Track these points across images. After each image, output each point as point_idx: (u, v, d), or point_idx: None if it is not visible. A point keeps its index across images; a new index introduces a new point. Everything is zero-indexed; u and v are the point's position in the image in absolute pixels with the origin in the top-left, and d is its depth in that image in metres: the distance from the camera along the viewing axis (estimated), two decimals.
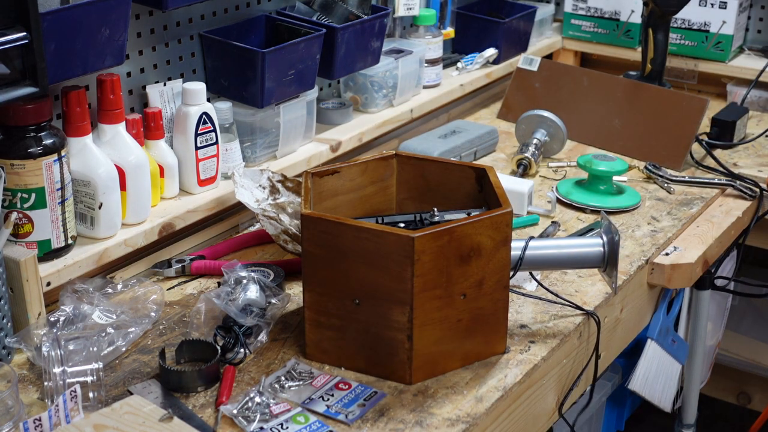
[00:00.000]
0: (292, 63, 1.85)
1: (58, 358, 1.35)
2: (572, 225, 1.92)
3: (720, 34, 2.49)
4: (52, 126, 1.52)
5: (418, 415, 1.37)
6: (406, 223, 1.51)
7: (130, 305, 1.56)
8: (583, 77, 2.34)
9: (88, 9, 1.50)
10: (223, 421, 1.34)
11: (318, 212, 1.44)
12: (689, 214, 1.97)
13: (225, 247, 1.79)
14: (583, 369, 1.63)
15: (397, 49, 2.22)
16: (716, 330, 2.46)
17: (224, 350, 1.46)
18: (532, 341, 1.54)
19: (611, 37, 2.62)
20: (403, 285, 1.38)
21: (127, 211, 1.67)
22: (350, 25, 1.97)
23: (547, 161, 2.19)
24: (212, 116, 1.77)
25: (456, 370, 1.47)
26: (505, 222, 1.42)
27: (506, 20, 2.46)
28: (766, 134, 2.32)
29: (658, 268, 1.81)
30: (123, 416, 1.28)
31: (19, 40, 1.33)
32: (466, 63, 2.41)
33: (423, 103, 2.26)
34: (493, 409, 1.41)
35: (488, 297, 1.45)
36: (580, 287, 1.70)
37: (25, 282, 1.48)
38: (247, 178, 1.78)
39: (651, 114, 2.23)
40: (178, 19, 1.81)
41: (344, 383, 1.43)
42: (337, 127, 2.09)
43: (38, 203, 1.52)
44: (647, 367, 2.00)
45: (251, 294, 1.53)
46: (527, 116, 2.19)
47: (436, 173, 1.60)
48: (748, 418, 2.70)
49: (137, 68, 1.76)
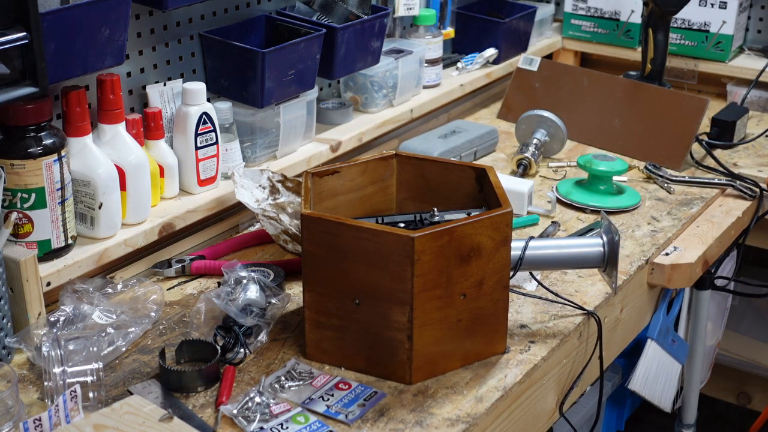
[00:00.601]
0: (292, 63, 1.85)
1: (58, 358, 1.35)
2: (572, 225, 1.92)
3: (720, 34, 2.49)
4: (52, 126, 1.52)
5: (418, 415, 1.37)
6: (406, 223, 1.51)
7: (130, 305, 1.56)
8: (583, 77, 2.34)
9: (88, 9, 1.50)
10: (223, 421, 1.34)
11: (318, 212, 1.44)
12: (689, 214, 1.97)
13: (225, 247, 1.79)
14: (583, 369, 1.63)
15: (397, 49, 2.22)
16: (716, 330, 2.46)
17: (224, 350, 1.46)
18: (532, 341, 1.54)
19: (611, 37, 2.62)
20: (403, 285, 1.38)
21: (127, 211, 1.67)
22: (350, 25, 1.97)
23: (547, 161, 2.19)
24: (212, 116, 1.77)
25: (456, 370, 1.47)
26: (505, 222, 1.42)
27: (506, 20, 2.46)
28: (766, 134, 2.32)
29: (658, 268, 1.81)
30: (123, 416, 1.28)
31: (19, 40, 1.33)
32: (466, 63, 2.41)
33: (423, 103, 2.26)
34: (493, 409, 1.41)
35: (488, 297, 1.45)
36: (580, 287, 1.70)
37: (25, 282, 1.48)
38: (247, 178, 1.78)
39: (651, 114, 2.23)
40: (178, 19, 1.81)
41: (344, 383, 1.43)
42: (337, 127, 2.09)
43: (38, 203, 1.52)
44: (647, 367, 2.00)
45: (251, 294, 1.53)
46: (527, 116, 2.19)
47: (436, 173, 1.60)
48: (748, 418, 2.70)
49: (137, 68, 1.76)
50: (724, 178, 2.11)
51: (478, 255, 1.41)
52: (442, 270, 1.39)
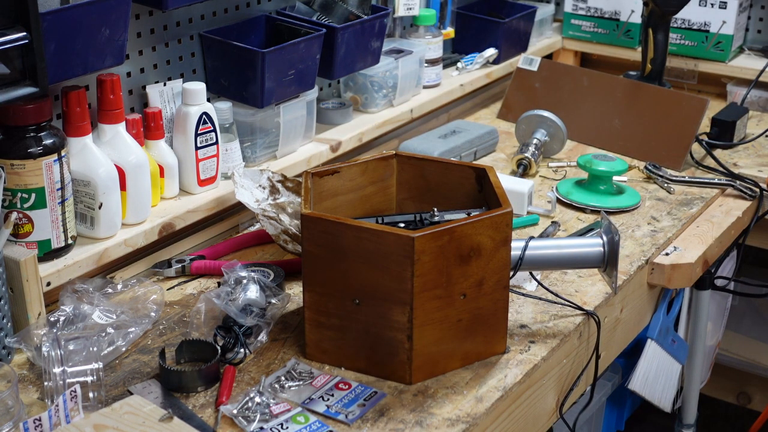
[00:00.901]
0: (292, 63, 1.85)
1: (58, 358, 1.35)
2: (572, 225, 1.92)
3: (720, 34, 2.49)
4: (52, 126, 1.52)
5: (418, 415, 1.37)
6: (406, 223, 1.51)
7: (130, 305, 1.56)
8: (583, 77, 2.34)
9: (88, 9, 1.50)
10: (223, 421, 1.34)
11: (318, 212, 1.44)
12: (689, 214, 1.97)
13: (225, 247, 1.79)
14: (583, 369, 1.63)
15: (397, 49, 2.22)
16: (716, 330, 2.46)
17: (224, 350, 1.46)
18: (532, 341, 1.54)
19: (611, 37, 2.62)
20: (403, 285, 1.38)
21: (127, 211, 1.67)
22: (350, 25, 1.97)
23: (547, 161, 2.19)
24: (212, 116, 1.77)
25: (456, 370, 1.47)
26: (505, 222, 1.42)
27: (506, 20, 2.46)
28: (766, 134, 2.32)
29: (658, 268, 1.81)
30: (123, 416, 1.28)
31: (19, 40, 1.33)
32: (466, 63, 2.41)
33: (423, 103, 2.26)
34: (493, 409, 1.41)
35: (488, 297, 1.45)
36: (580, 287, 1.70)
37: (25, 282, 1.48)
38: (247, 178, 1.78)
39: (651, 114, 2.23)
40: (178, 19, 1.81)
41: (344, 383, 1.43)
42: (337, 127, 2.09)
43: (38, 203, 1.52)
44: (647, 367, 2.00)
45: (251, 294, 1.53)
46: (527, 116, 2.18)
47: (436, 173, 1.60)
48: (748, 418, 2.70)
49: (137, 68, 1.76)
50: (724, 178, 2.11)
51: (478, 255, 1.41)
52: (442, 270, 1.39)
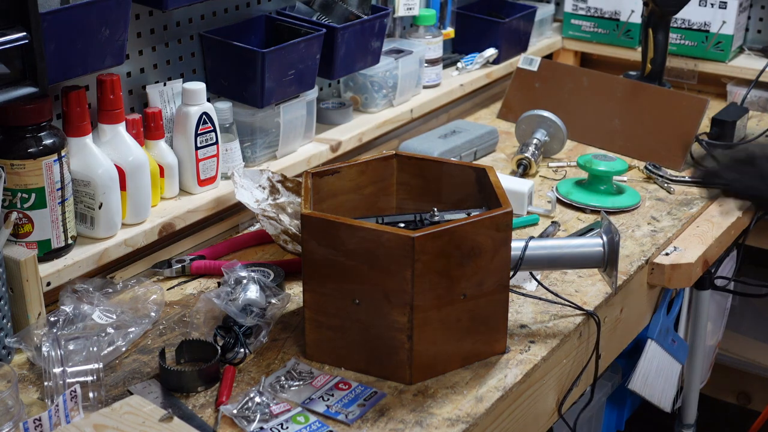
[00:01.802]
0: (292, 63, 1.85)
1: (58, 358, 1.35)
2: (572, 225, 1.92)
3: (720, 34, 2.49)
4: (52, 126, 1.52)
5: (418, 415, 1.37)
6: (406, 223, 1.51)
7: (130, 305, 1.56)
8: (583, 77, 2.34)
9: (88, 9, 1.50)
10: (223, 421, 1.34)
11: (318, 212, 1.44)
12: (689, 214, 1.97)
13: (225, 247, 1.79)
14: (583, 369, 1.63)
15: (397, 49, 2.22)
16: (716, 330, 2.46)
17: (224, 350, 1.46)
18: (532, 341, 1.54)
19: (611, 37, 2.62)
20: (403, 285, 1.37)
21: (127, 211, 1.67)
22: (350, 25, 1.97)
23: (547, 161, 2.19)
24: (212, 116, 1.77)
25: (456, 370, 1.47)
26: (505, 222, 1.42)
27: (506, 20, 2.46)
28: (766, 134, 2.32)
29: (658, 268, 1.81)
30: (123, 416, 1.28)
31: (19, 40, 1.33)
32: (466, 63, 2.41)
33: (423, 103, 2.26)
34: (493, 409, 1.41)
35: (488, 297, 1.45)
36: (580, 287, 1.70)
37: (25, 282, 1.48)
38: (246, 179, 1.78)
39: (651, 114, 2.23)
40: (178, 19, 1.81)
41: (344, 383, 1.43)
42: (337, 127, 2.09)
43: (38, 203, 1.52)
44: (647, 367, 2.00)
45: (251, 294, 1.53)
46: (527, 116, 2.18)
47: (436, 173, 1.60)
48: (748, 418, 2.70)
49: (137, 68, 1.76)
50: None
51: (478, 255, 1.41)
52: (442, 270, 1.39)
